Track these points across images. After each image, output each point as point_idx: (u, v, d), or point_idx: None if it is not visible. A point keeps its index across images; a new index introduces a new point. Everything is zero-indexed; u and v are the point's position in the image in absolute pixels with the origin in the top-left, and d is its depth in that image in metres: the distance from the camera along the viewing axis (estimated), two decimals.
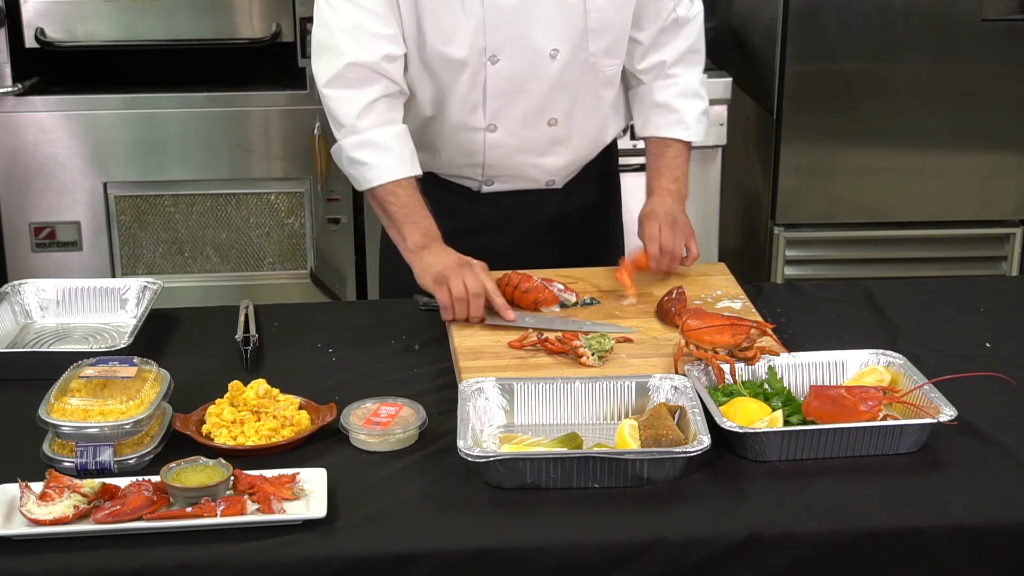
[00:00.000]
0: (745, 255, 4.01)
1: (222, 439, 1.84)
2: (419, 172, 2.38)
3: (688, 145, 2.54)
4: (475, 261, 2.27)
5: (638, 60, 2.52)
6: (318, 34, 2.37)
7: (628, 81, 2.57)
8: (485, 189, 2.54)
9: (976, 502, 1.71)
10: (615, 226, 2.73)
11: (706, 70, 2.60)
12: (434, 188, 2.49)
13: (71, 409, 1.81)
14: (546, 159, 2.52)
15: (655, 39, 2.50)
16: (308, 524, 1.65)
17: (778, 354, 2.02)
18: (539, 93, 2.42)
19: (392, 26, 2.33)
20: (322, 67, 2.35)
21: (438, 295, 2.24)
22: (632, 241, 2.54)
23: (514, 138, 2.46)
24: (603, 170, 2.65)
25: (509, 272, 2.32)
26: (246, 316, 2.30)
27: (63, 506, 1.64)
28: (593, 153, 2.59)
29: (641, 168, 2.72)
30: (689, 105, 2.53)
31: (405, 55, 2.37)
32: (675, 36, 2.51)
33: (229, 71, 3.77)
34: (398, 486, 1.75)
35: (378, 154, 2.35)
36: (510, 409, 1.93)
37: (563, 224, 2.60)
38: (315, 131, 3.64)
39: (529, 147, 2.49)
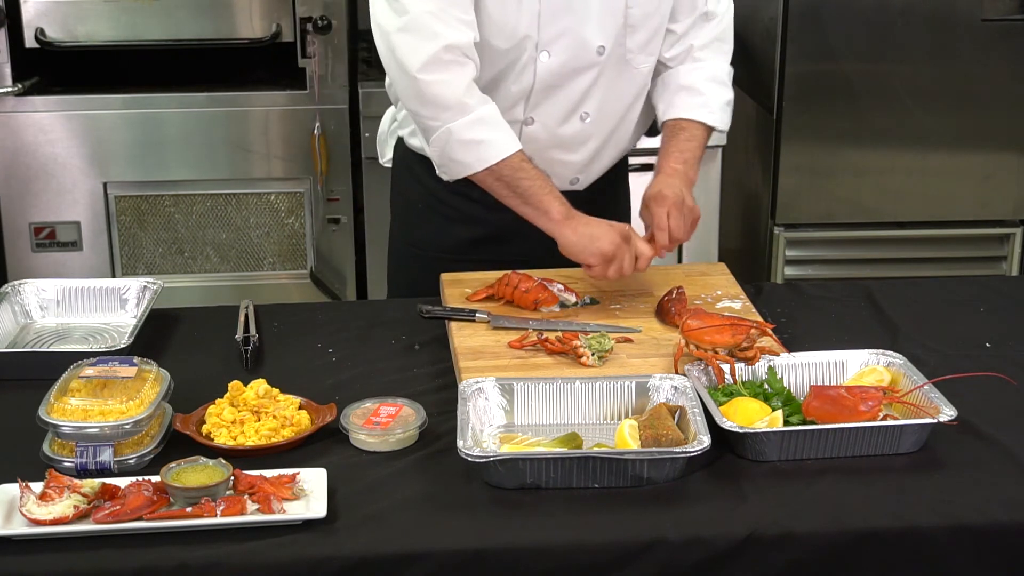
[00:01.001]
0: (745, 255, 4.02)
1: (222, 439, 1.84)
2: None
3: (706, 132, 2.47)
4: (626, 227, 2.28)
5: (666, 48, 2.49)
6: (396, 22, 2.27)
7: (655, 71, 2.53)
8: None
9: (976, 502, 1.71)
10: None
11: None
12: (453, 197, 2.49)
13: (71, 409, 1.81)
14: (574, 155, 2.49)
15: (687, 29, 2.48)
16: (308, 524, 1.65)
17: (778, 354, 2.02)
18: (579, 88, 2.41)
19: (471, 12, 2.28)
20: (411, 52, 2.25)
21: (597, 269, 2.26)
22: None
23: (548, 132, 2.44)
24: (617, 177, 2.64)
25: (509, 272, 2.32)
26: (246, 316, 2.30)
27: (63, 506, 1.64)
28: (616, 155, 2.57)
29: (643, 168, 2.70)
30: (716, 90, 2.48)
31: None
32: (703, 27, 2.49)
33: (229, 71, 3.77)
34: (398, 486, 1.75)
35: (494, 130, 2.29)
36: (510, 409, 1.93)
37: None
38: (315, 131, 3.65)
39: (560, 143, 2.46)
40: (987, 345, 2.21)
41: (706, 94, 2.46)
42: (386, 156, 2.72)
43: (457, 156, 2.30)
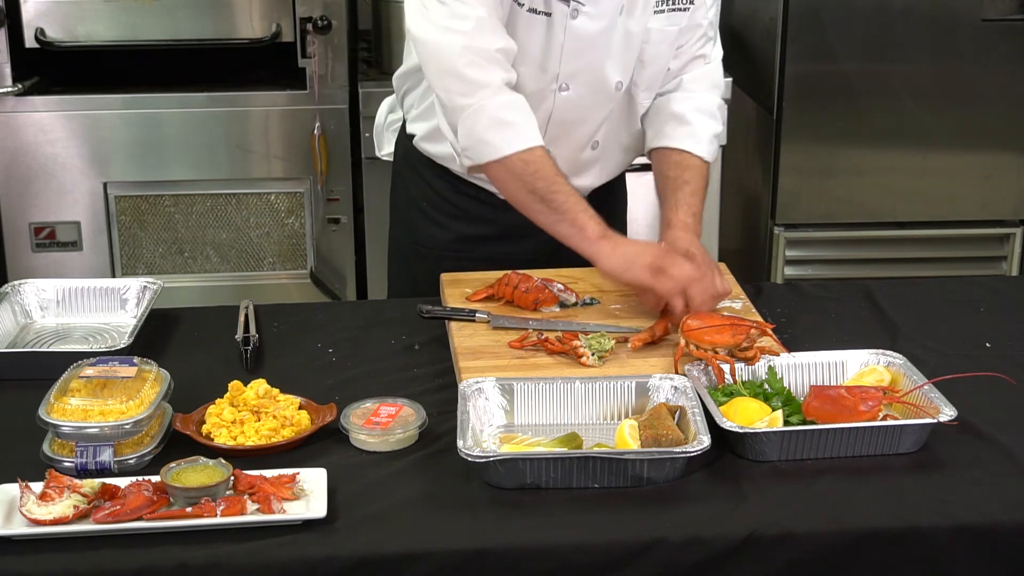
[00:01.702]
0: (745, 255, 4.02)
1: (222, 439, 1.84)
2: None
3: (705, 170, 2.42)
4: (707, 257, 2.23)
5: (662, 83, 2.49)
6: (442, 11, 2.23)
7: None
8: None
9: (976, 502, 1.71)
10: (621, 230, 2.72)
11: None
12: (461, 197, 2.50)
13: (71, 409, 1.81)
14: (580, 179, 2.49)
15: (681, 67, 2.47)
16: (308, 524, 1.65)
17: (778, 354, 2.02)
18: (596, 121, 2.43)
19: (505, 39, 2.25)
20: (456, 38, 2.21)
21: (658, 286, 2.16)
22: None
23: (562, 161, 2.41)
24: (617, 182, 2.65)
25: (509, 272, 2.32)
26: (246, 316, 2.30)
27: (63, 506, 1.64)
28: (617, 172, 2.59)
29: (641, 169, 2.69)
30: (704, 122, 2.44)
31: None
32: (698, 67, 2.48)
33: (229, 71, 3.77)
34: (398, 486, 1.75)
35: (525, 117, 2.25)
36: (510, 409, 1.93)
37: None
38: (315, 131, 3.65)
39: (571, 168, 2.45)
40: (987, 345, 2.21)
41: (694, 124, 2.44)
42: (384, 149, 2.72)
43: (486, 136, 2.24)
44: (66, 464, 1.79)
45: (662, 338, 2.13)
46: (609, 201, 2.63)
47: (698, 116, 2.45)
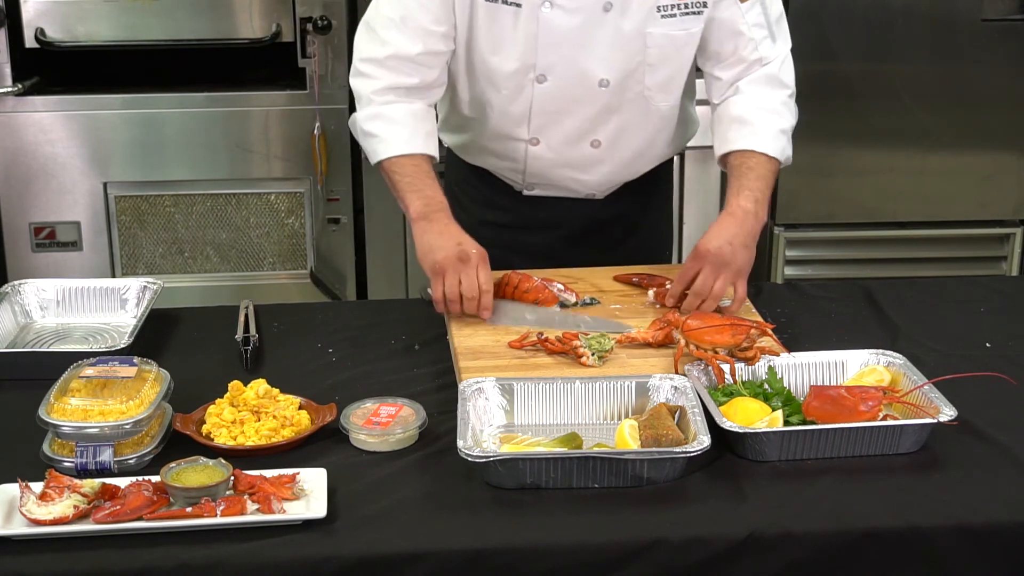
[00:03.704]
0: None
1: (222, 439, 1.84)
2: (432, 152, 2.36)
3: (772, 165, 2.35)
4: (474, 252, 2.21)
5: (715, 95, 2.45)
6: (369, 13, 2.37)
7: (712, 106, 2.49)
8: (526, 192, 2.55)
9: (976, 502, 1.71)
10: (658, 235, 2.69)
11: None
12: (481, 182, 2.53)
13: (71, 409, 1.81)
14: (587, 175, 2.50)
15: (735, 78, 2.42)
16: (308, 524, 1.65)
17: (778, 354, 2.02)
18: (584, 117, 2.41)
19: (442, 23, 2.32)
20: (363, 45, 2.37)
21: (433, 287, 2.22)
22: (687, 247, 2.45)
23: (555, 153, 2.44)
24: (649, 182, 2.59)
25: (509, 272, 2.32)
26: (246, 316, 2.30)
27: (63, 506, 1.64)
28: (637, 174, 2.55)
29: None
30: (766, 119, 2.38)
31: (453, 52, 2.36)
32: (754, 71, 2.42)
33: (229, 71, 3.77)
34: (398, 486, 1.75)
35: (389, 127, 2.34)
36: (510, 409, 1.93)
37: (603, 230, 2.58)
38: (315, 131, 3.65)
39: (570, 163, 2.47)
40: (987, 345, 2.21)
41: (755, 123, 2.37)
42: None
43: (362, 142, 2.41)
44: (66, 464, 1.79)
45: (662, 344, 2.13)
46: (647, 213, 2.61)
47: (759, 114, 2.39)
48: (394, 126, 2.34)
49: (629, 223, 2.60)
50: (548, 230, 2.53)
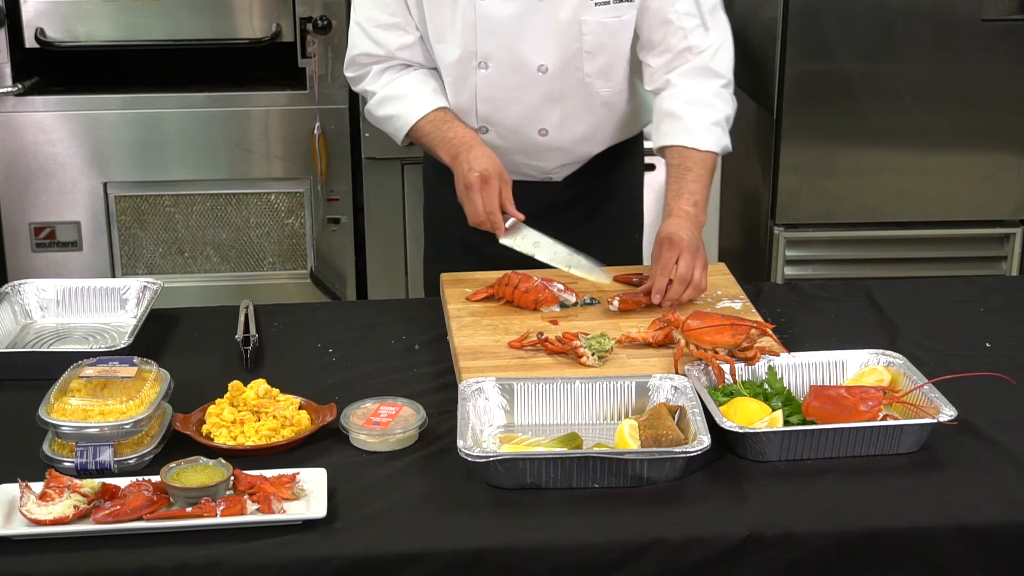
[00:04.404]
0: (745, 255, 4.01)
1: (222, 439, 1.84)
2: (442, 103, 2.48)
3: (709, 165, 2.41)
4: (475, 176, 2.33)
5: (648, 82, 2.51)
6: (351, 21, 2.54)
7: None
8: None
9: (976, 502, 1.71)
10: (626, 216, 2.74)
11: None
12: (447, 170, 2.53)
13: (71, 409, 1.81)
14: (539, 161, 2.57)
15: (662, 65, 2.46)
16: (308, 524, 1.65)
17: (778, 354, 2.02)
18: (528, 104, 2.48)
19: (399, 15, 2.45)
20: (347, 52, 2.55)
21: (464, 207, 2.36)
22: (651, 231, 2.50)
23: (505, 141, 2.52)
24: (610, 163, 2.65)
25: (509, 272, 2.32)
26: (246, 316, 2.30)
27: (63, 506, 1.64)
28: (588, 156, 2.61)
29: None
30: (696, 112, 2.43)
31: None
32: (685, 61, 2.45)
33: (229, 71, 3.77)
34: (398, 486, 1.75)
35: (397, 104, 2.48)
36: (510, 409, 1.93)
37: (567, 209, 2.63)
38: (315, 131, 3.65)
39: (521, 150, 2.54)
40: (987, 345, 2.21)
41: (685, 118, 2.43)
42: None
43: (385, 130, 2.56)
44: (66, 464, 1.79)
45: (662, 344, 2.13)
46: (599, 189, 2.67)
47: (689, 108, 2.43)
48: (401, 101, 2.48)
49: (592, 204, 2.66)
50: (558, 220, 2.53)
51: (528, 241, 2.38)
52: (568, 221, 2.60)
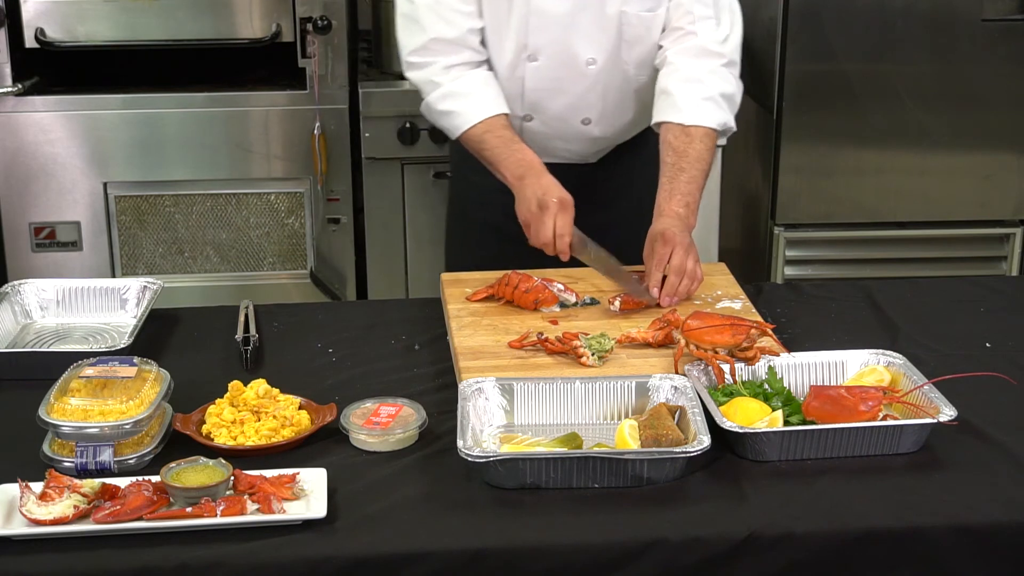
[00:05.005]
0: (745, 255, 4.01)
1: (222, 439, 1.84)
2: (505, 110, 2.50)
3: (700, 146, 2.43)
4: (553, 201, 2.32)
5: (656, 61, 2.58)
6: (403, 7, 2.54)
7: None
8: None
9: (976, 502, 1.71)
10: (651, 195, 2.73)
11: None
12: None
13: (71, 409, 1.81)
14: (579, 147, 2.66)
15: (671, 44, 2.53)
16: (308, 524, 1.65)
17: (778, 354, 2.02)
18: (575, 95, 2.56)
19: (471, 2, 2.49)
20: (407, 39, 2.54)
21: (531, 226, 2.36)
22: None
23: (549, 129, 2.60)
24: (640, 142, 2.72)
25: (509, 272, 2.32)
26: (246, 316, 2.30)
27: (63, 506, 1.64)
28: (626, 139, 2.71)
29: None
30: (687, 89, 2.46)
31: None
32: (682, 42, 2.51)
33: (229, 71, 3.77)
34: (398, 486, 1.75)
35: (461, 101, 2.50)
36: (510, 409, 1.93)
37: (597, 189, 2.69)
38: (315, 131, 3.64)
39: (562, 137, 2.62)
40: (987, 345, 2.21)
41: (675, 94, 2.47)
42: None
43: (440, 123, 2.57)
44: (66, 464, 1.79)
45: (662, 344, 2.13)
46: (639, 171, 2.71)
47: (681, 86, 2.47)
48: (466, 99, 2.49)
49: (622, 181, 2.72)
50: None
51: (589, 254, 2.39)
52: (596, 198, 2.66)
